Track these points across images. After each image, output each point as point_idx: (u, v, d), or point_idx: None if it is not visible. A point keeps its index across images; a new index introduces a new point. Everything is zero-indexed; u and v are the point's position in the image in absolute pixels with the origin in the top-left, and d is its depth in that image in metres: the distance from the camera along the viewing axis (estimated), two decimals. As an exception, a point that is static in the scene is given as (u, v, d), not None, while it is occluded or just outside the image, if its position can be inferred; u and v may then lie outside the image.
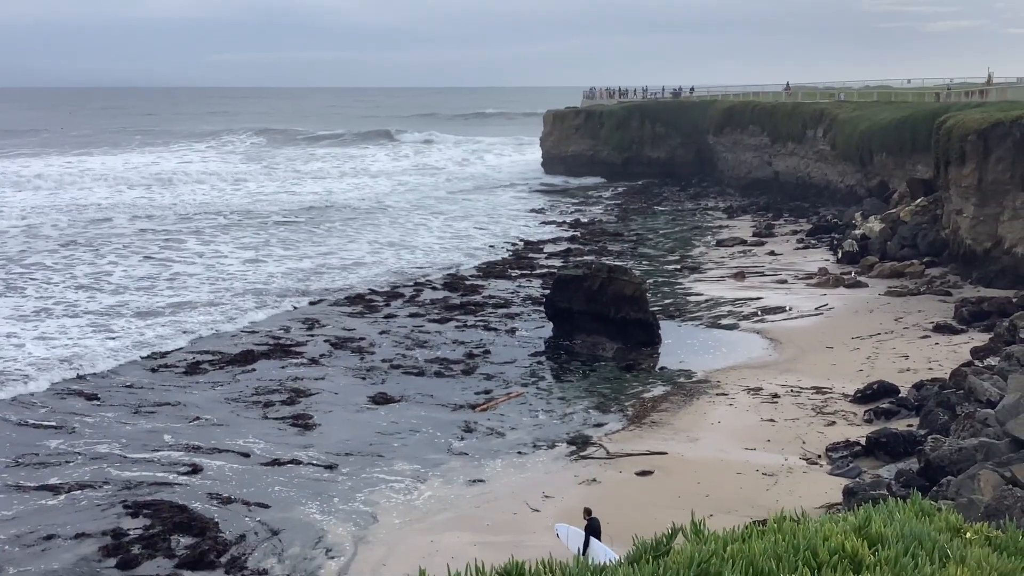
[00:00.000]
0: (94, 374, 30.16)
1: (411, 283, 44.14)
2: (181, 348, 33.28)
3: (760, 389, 27.66)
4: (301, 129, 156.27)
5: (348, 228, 61.09)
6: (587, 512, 17.20)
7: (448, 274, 46.20)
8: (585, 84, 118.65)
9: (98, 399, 27.80)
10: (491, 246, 55.02)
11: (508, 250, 53.64)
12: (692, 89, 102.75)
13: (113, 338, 34.07)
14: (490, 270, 47.49)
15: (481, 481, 21.93)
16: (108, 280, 43.74)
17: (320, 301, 40.52)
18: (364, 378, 30.09)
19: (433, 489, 21.56)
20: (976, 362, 27.42)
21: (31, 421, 25.94)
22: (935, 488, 18.10)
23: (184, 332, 35.18)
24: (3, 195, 75.33)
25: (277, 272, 46.26)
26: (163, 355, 32.36)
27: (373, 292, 42.23)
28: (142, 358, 31.91)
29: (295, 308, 39.28)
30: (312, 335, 35.10)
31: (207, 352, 32.74)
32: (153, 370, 30.79)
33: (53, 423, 25.75)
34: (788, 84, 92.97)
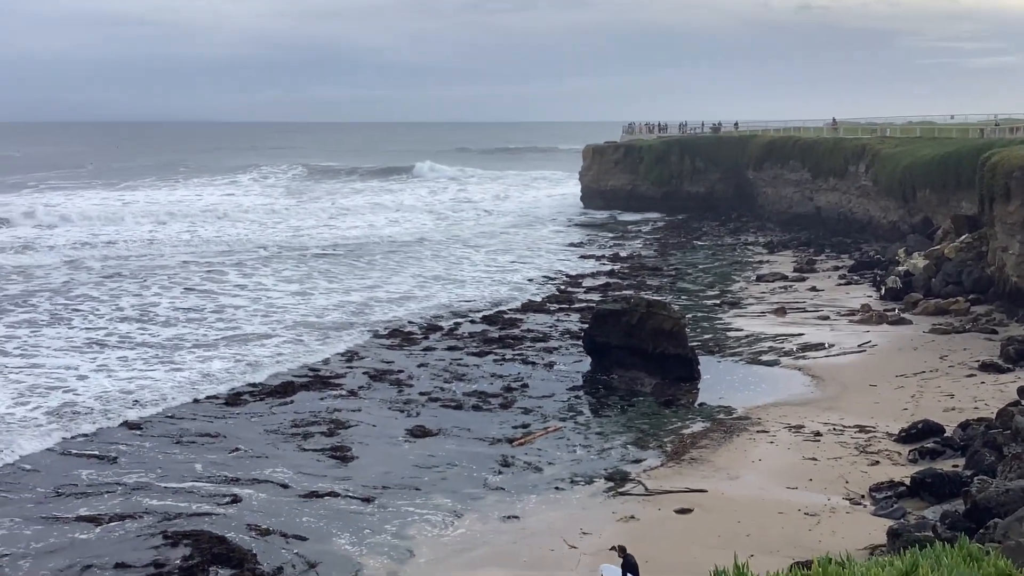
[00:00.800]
0: (169, 410, 29.83)
1: (454, 316, 44.15)
2: (258, 383, 32.94)
3: (802, 427, 27.31)
4: (340, 164, 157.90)
5: (390, 261, 61.41)
6: (621, 549, 17.03)
7: (497, 310, 45.95)
8: (624, 119, 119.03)
9: (139, 429, 28.00)
10: (529, 279, 55.09)
11: (551, 284, 53.69)
12: (736, 124, 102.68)
13: (178, 370, 33.92)
14: (529, 304, 47.51)
15: (518, 516, 21.79)
16: (156, 312, 43.98)
17: (385, 334, 40.38)
18: (402, 411, 30.11)
19: (470, 524, 21.45)
20: (1023, 401, 26.91)
21: (73, 451, 26.16)
22: (981, 530, 17.71)
23: (249, 365, 34.88)
24: (48, 228, 76.55)
25: (328, 305, 46.31)
26: (241, 389, 32.11)
27: (412, 324, 42.32)
28: (221, 393, 31.65)
29: (363, 342, 39.04)
30: (351, 367, 35.24)
31: (248, 384, 32.86)
32: (196, 400, 30.94)
33: (95, 452, 25.96)
34: (834, 119, 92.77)
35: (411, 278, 54.84)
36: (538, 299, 48.80)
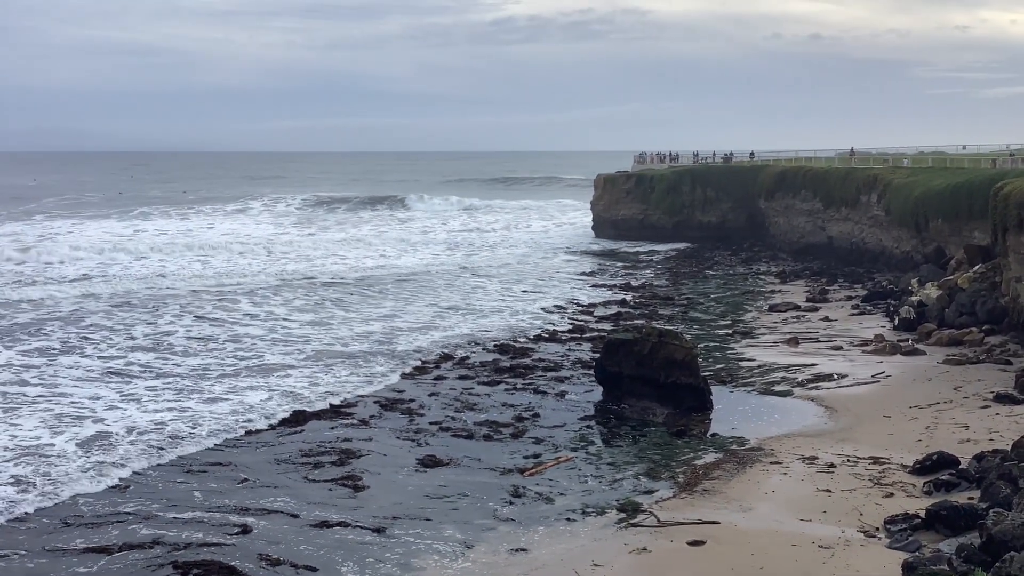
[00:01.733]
0: (219, 444, 29.19)
1: (472, 346, 43.95)
2: (313, 411, 32.58)
3: (815, 458, 27.08)
4: (349, 193, 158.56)
5: (402, 291, 61.25)
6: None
7: (512, 338, 45.78)
8: (636, 148, 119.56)
9: (183, 463, 27.68)
10: (543, 308, 55.02)
11: (564, 313, 53.64)
12: (752, 154, 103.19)
13: (214, 402, 33.18)
14: (541, 333, 47.46)
15: (529, 548, 21.61)
16: (171, 341, 43.65)
17: (426, 363, 40.12)
18: (412, 440, 29.98)
19: (480, 555, 21.28)
20: (1039, 433, 26.62)
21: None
22: (997, 564, 17.46)
23: (286, 396, 34.28)
24: (58, 256, 76.78)
25: (352, 335, 45.95)
26: (292, 421, 31.62)
27: (429, 352, 42.15)
28: (270, 427, 31.07)
29: (403, 372, 38.68)
30: (362, 396, 35.16)
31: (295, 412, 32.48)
32: (249, 432, 30.42)
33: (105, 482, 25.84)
34: (852, 149, 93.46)
35: (426, 308, 54.64)
36: (552, 328, 48.73)
